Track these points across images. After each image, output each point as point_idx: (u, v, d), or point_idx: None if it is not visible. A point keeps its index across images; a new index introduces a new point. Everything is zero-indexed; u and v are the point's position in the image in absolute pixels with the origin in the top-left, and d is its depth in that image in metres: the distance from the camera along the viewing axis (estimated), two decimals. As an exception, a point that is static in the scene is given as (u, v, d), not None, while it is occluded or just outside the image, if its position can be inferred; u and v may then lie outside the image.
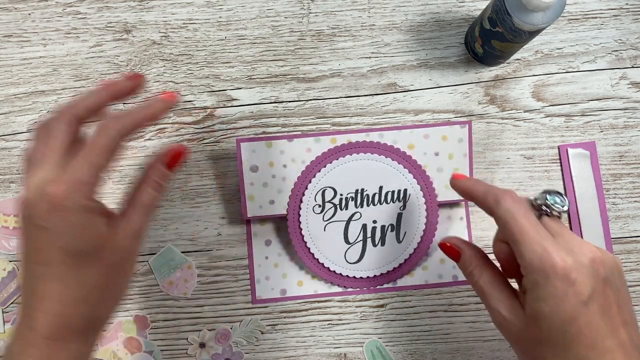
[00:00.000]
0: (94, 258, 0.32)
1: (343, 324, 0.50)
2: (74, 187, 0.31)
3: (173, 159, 0.37)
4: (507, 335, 0.35)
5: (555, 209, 0.35)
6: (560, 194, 0.35)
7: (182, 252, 0.50)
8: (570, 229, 0.50)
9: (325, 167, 0.48)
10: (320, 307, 0.50)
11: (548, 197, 0.35)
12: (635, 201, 0.51)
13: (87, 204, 0.32)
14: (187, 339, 0.50)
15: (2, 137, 0.51)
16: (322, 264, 0.48)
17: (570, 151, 0.51)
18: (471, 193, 0.38)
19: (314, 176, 0.48)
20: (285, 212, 0.48)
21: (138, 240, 0.35)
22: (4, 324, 0.49)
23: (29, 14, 0.52)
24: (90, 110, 0.34)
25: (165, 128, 0.51)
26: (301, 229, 0.48)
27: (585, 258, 0.32)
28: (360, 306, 0.50)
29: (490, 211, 0.36)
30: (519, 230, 0.33)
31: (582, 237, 0.50)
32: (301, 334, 0.50)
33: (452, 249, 0.39)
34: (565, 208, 0.35)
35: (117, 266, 0.34)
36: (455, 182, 0.40)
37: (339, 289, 0.50)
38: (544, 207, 0.35)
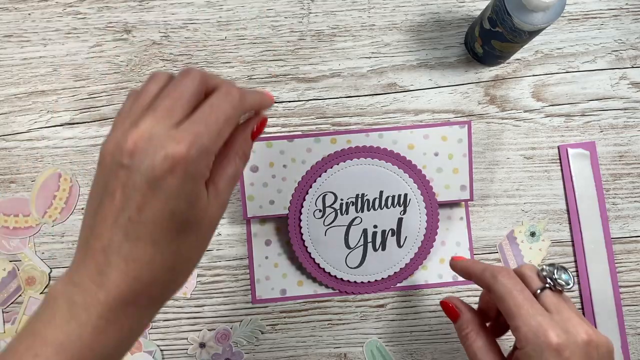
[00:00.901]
0: (193, 229, 0.31)
1: (343, 324, 0.50)
2: (199, 154, 0.29)
3: (259, 129, 0.35)
4: None
5: (559, 285, 0.36)
6: (567, 272, 0.36)
7: (182, 252, 0.50)
8: (571, 230, 0.50)
9: (325, 172, 0.48)
10: (320, 307, 0.50)
11: (556, 272, 0.36)
12: (635, 201, 0.51)
13: (205, 174, 0.30)
14: (187, 338, 0.50)
15: (2, 137, 0.51)
16: (323, 268, 0.48)
17: (570, 151, 0.51)
18: (469, 271, 0.39)
19: (315, 181, 0.48)
20: (285, 212, 0.48)
21: (224, 210, 0.33)
22: (4, 324, 0.49)
23: (29, 14, 0.52)
24: (215, 85, 0.32)
25: (165, 128, 0.51)
26: (302, 234, 0.48)
27: (579, 338, 0.33)
28: (360, 306, 0.50)
29: (487, 287, 0.37)
30: (515, 304, 0.34)
31: (582, 238, 0.50)
32: (301, 334, 0.50)
33: (452, 309, 0.40)
34: (571, 287, 0.36)
35: (206, 238, 0.32)
36: (455, 264, 0.41)
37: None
38: (549, 280, 0.36)
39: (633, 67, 0.52)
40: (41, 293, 0.49)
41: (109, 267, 0.29)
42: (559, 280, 0.35)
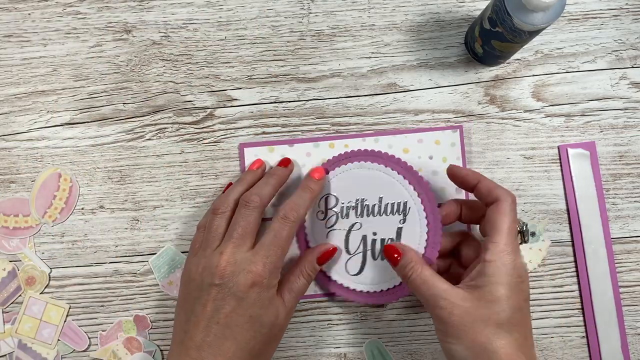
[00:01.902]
0: (267, 329, 0.40)
1: (343, 324, 0.50)
2: (271, 270, 0.40)
3: (324, 256, 0.45)
4: (448, 317, 0.38)
5: (525, 239, 0.44)
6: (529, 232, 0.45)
7: (182, 252, 0.50)
8: (571, 230, 0.51)
9: (328, 174, 0.47)
10: (320, 307, 0.50)
11: (529, 231, 0.43)
12: (635, 201, 0.51)
13: (276, 285, 0.41)
14: (187, 339, 0.50)
15: (2, 137, 0.51)
16: (325, 272, 0.48)
17: (570, 151, 0.51)
18: (474, 184, 0.43)
19: None
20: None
21: (290, 318, 0.43)
22: (4, 324, 0.49)
23: (29, 14, 0.52)
24: (270, 198, 0.44)
25: (165, 128, 0.51)
26: (306, 234, 0.48)
27: (526, 269, 0.41)
28: (360, 306, 0.50)
29: (487, 202, 0.42)
30: (508, 227, 0.39)
31: (582, 238, 0.50)
32: (301, 334, 0.50)
33: (394, 249, 0.43)
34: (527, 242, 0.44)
35: (276, 338, 0.42)
36: (455, 170, 0.45)
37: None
38: (523, 232, 0.43)
39: (633, 67, 0.52)
40: (41, 293, 0.49)
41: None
42: (525, 237, 0.44)
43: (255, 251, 0.40)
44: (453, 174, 0.44)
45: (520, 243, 0.43)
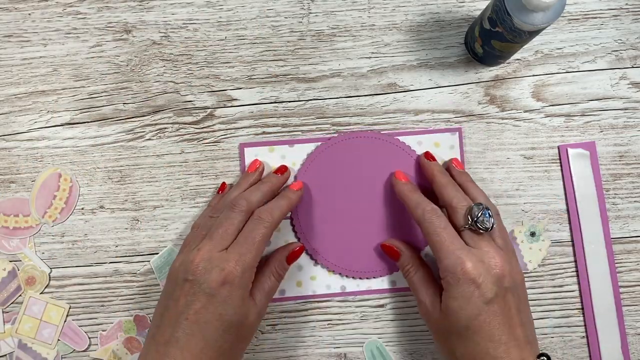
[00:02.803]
0: (236, 330, 0.39)
1: (343, 324, 0.50)
2: (244, 270, 0.39)
3: (292, 255, 0.46)
4: (429, 324, 0.43)
5: (478, 228, 0.41)
6: (490, 215, 0.41)
7: (182, 252, 0.50)
8: (571, 230, 0.50)
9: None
10: (320, 307, 0.50)
11: (480, 215, 0.40)
12: (635, 201, 0.51)
13: (249, 285, 0.40)
14: (187, 339, 0.50)
15: (2, 137, 0.51)
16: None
17: (570, 151, 0.51)
18: (405, 199, 0.45)
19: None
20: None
21: (261, 319, 0.43)
22: (4, 324, 0.49)
23: (29, 14, 0.52)
24: (259, 204, 0.43)
25: (165, 128, 0.51)
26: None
27: (492, 267, 0.39)
28: (360, 306, 0.50)
29: (417, 221, 0.43)
30: (439, 240, 0.40)
31: (582, 238, 0.50)
32: (301, 334, 0.50)
33: (393, 250, 0.46)
34: (489, 229, 0.41)
35: (246, 339, 0.41)
36: (396, 182, 0.46)
37: (338, 290, 0.50)
38: (471, 221, 0.41)
39: (633, 67, 0.52)
40: (41, 293, 0.49)
41: (168, 357, 0.37)
42: (478, 224, 0.40)
43: (229, 250, 0.40)
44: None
45: (478, 231, 0.41)
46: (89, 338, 0.50)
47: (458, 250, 0.40)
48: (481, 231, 0.41)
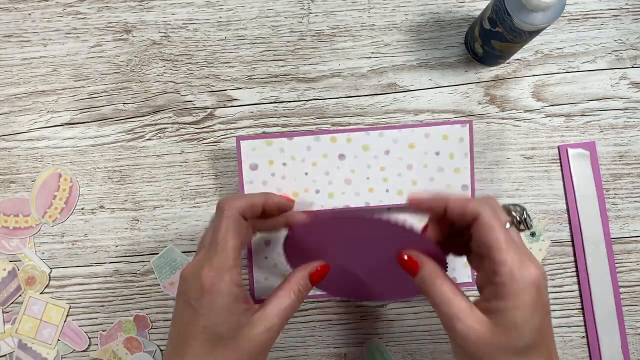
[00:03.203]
0: (231, 342, 0.35)
1: (343, 324, 0.50)
2: (218, 273, 0.35)
3: (317, 274, 0.40)
4: (463, 341, 0.34)
5: (525, 225, 0.36)
6: (529, 216, 0.37)
7: (183, 252, 0.50)
8: (571, 230, 0.50)
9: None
10: (320, 307, 0.50)
11: (524, 213, 0.36)
12: (635, 201, 0.51)
13: (232, 290, 0.35)
14: (187, 339, 0.50)
15: (2, 137, 0.51)
16: None
17: (570, 151, 0.51)
18: (445, 206, 0.37)
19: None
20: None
21: (273, 337, 0.37)
22: (4, 324, 0.49)
23: (29, 14, 0.52)
24: (253, 210, 0.39)
25: (165, 128, 0.51)
26: None
27: (542, 270, 0.33)
28: (360, 306, 0.50)
29: (467, 223, 0.35)
30: (497, 238, 0.33)
31: (582, 238, 0.50)
32: (301, 334, 0.50)
33: (413, 261, 0.37)
34: (532, 230, 0.36)
35: (252, 356, 0.36)
36: (415, 200, 0.38)
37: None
38: (518, 218, 0.36)
39: (633, 67, 0.52)
40: (41, 293, 0.49)
41: None
42: (527, 221, 0.36)
43: (201, 257, 0.37)
44: (416, 204, 0.38)
45: (523, 230, 0.37)
46: (89, 338, 0.50)
47: (518, 252, 0.33)
48: (524, 229, 0.36)
